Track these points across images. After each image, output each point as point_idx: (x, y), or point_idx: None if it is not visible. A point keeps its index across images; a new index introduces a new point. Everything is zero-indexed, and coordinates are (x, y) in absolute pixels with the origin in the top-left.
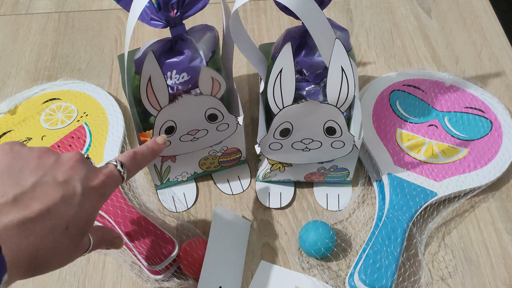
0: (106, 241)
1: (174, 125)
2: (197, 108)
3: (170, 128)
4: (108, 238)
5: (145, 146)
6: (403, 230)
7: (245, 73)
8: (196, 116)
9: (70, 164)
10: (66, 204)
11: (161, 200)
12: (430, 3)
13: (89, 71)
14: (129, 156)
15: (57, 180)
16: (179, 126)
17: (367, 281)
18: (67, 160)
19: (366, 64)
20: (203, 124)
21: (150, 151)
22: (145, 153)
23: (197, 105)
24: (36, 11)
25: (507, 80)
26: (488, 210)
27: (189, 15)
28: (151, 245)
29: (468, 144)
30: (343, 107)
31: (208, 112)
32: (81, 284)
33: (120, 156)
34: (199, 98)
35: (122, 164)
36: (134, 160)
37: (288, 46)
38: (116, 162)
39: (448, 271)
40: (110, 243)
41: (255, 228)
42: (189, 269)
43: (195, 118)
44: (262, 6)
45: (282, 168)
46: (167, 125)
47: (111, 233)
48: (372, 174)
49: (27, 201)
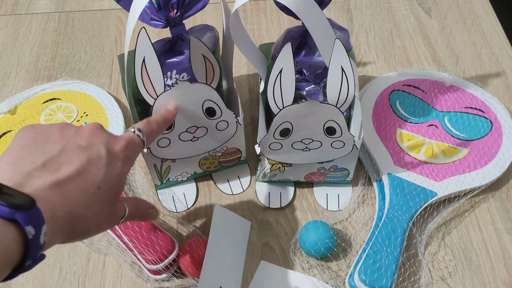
0: (141, 211)
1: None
2: (193, 98)
3: None
4: (143, 208)
5: (157, 115)
6: (403, 230)
7: (245, 73)
8: (194, 109)
9: (90, 132)
10: (94, 166)
11: (161, 200)
12: (430, 3)
13: (89, 71)
14: (144, 123)
15: (81, 146)
16: (177, 120)
17: (367, 281)
18: (87, 129)
19: (366, 64)
20: (202, 120)
21: (163, 118)
22: (158, 120)
23: (193, 95)
24: (36, 11)
25: (507, 80)
26: (488, 210)
27: (189, 15)
28: (151, 245)
29: (468, 144)
30: (343, 107)
31: (206, 105)
32: (81, 283)
33: (136, 124)
34: (195, 86)
35: (139, 129)
36: (149, 126)
37: (288, 46)
38: (133, 128)
39: (448, 271)
40: (145, 214)
41: (255, 228)
42: (189, 269)
43: (193, 112)
44: (262, 6)
45: (282, 168)
46: None
47: (145, 203)
48: (372, 174)
49: (56, 166)
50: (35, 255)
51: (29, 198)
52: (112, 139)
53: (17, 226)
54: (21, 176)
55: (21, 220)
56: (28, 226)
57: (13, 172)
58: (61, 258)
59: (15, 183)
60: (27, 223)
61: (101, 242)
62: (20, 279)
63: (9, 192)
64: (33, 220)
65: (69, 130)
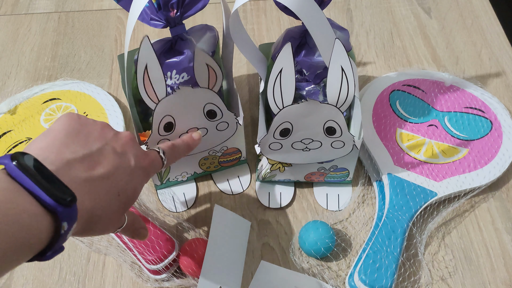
0: (134, 227)
1: (172, 121)
2: (195, 102)
3: (169, 124)
4: (137, 225)
5: (181, 140)
6: (403, 230)
7: (245, 73)
8: (195, 112)
9: (126, 140)
10: (121, 172)
11: (161, 200)
12: (430, 3)
13: (89, 71)
14: (168, 147)
15: (116, 151)
16: (178, 123)
17: (367, 281)
18: (123, 136)
19: (366, 64)
20: (203, 121)
21: (185, 145)
22: (181, 147)
23: (195, 99)
24: (36, 11)
25: (507, 80)
26: (488, 210)
27: (189, 15)
28: (151, 245)
29: (468, 144)
30: (343, 107)
31: (207, 108)
32: (81, 283)
33: (162, 145)
34: (197, 90)
35: (164, 152)
36: (172, 150)
37: (288, 46)
38: (159, 149)
39: (448, 271)
40: (136, 232)
41: (255, 228)
42: (189, 269)
43: (194, 114)
44: (262, 6)
45: (282, 168)
46: (165, 121)
47: (140, 222)
48: (372, 174)
49: (93, 163)
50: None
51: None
52: (142, 154)
53: (54, 218)
54: (62, 163)
55: (60, 215)
56: (64, 222)
57: (55, 157)
58: (61, 258)
59: (56, 168)
60: (64, 219)
61: (101, 242)
62: (20, 280)
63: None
64: (69, 217)
65: (109, 132)
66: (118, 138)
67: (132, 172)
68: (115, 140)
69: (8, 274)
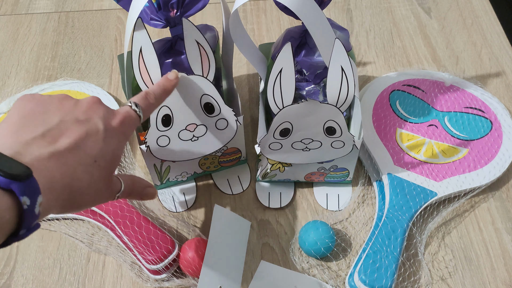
0: (138, 189)
1: (170, 113)
2: (191, 92)
3: (166, 117)
4: (140, 186)
5: (156, 85)
6: (403, 230)
7: (245, 73)
8: (192, 103)
9: (88, 105)
10: (91, 139)
11: (161, 200)
12: (430, 3)
13: (89, 71)
14: (141, 97)
15: (79, 119)
16: (176, 116)
17: (367, 281)
18: (86, 103)
19: (366, 64)
20: (201, 116)
21: (161, 88)
22: (157, 92)
23: (191, 88)
24: (36, 11)
25: (507, 80)
26: (488, 210)
27: (189, 15)
28: (151, 245)
29: (468, 144)
30: (343, 107)
31: (204, 100)
32: (81, 283)
33: (133, 98)
34: (192, 77)
35: (136, 104)
36: (146, 99)
37: (288, 46)
38: (130, 103)
39: (448, 271)
40: (143, 193)
41: (255, 228)
42: (189, 269)
43: (191, 106)
44: (262, 6)
45: (282, 168)
46: (163, 113)
47: (142, 181)
48: (372, 174)
49: (55, 137)
50: (30, 225)
51: (26, 168)
52: (110, 114)
53: (13, 196)
54: (20, 145)
55: (17, 190)
56: (24, 197)
57: (12, 141)
58: (61, 258)
59: (14, 152)
60: (22, 194)
61: (101, 242)
62: (20, 280)
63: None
64: (29, 191)
65: (68, 102)
66: (79, 106)
67: (104, 135)
68: (77, 108)
69: (8, 274)
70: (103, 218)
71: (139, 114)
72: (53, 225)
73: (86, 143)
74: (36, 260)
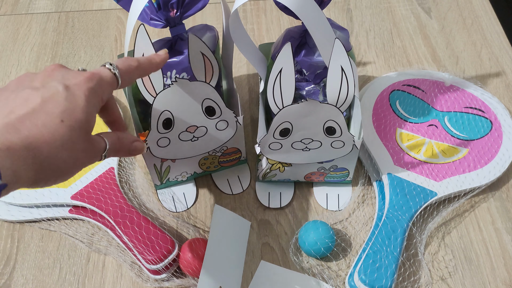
0: (125, 145)
1: (171, 117)
2: (193, 97)
3: (167, 120)
4: (126, 142)
5: (143, 57)
6: (403, 230)
7: (245, 73)
8: (193, 108)
9: (46, 74)
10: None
11: (161, 200)
12: (430, 3)
13: None
14: (121, 59)
15: (34, 87)
16: (177, 120)
17: (367, 281)
18: (43, 71)
19: (366, 64)
20: (201, 119)
21: (147, 60)
22: (141, 59)
23: (192, 93)
24: (36, 11)
25: (507, 80)
26: (488, 210)
27: (189, 15)
28: (151, 245)
29: (468, 144)
30: (343, 107)
31: (205, 104)
32: (81, 283)
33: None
34: (194, 84)
35: (111, 63)
36: (126, 61)
37: (288, 46)
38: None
39: (448, 271)
40: (131, 148)
41: (255, 228)
42: (189, 269)
43: (192, 111)
44: (262, 6)
45: (282, 168)
46: (164, 117)
47: (128, 137)
48: (372, 174)
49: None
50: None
51: None
52: (70, 75)
53: None
54: None
55: None
56: None
57: None
58: (61, 258)
59: None
60: None
61: (101, 242)
62: (20, 279)
63: None
64: None
65: (26, 77)
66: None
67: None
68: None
69: (8, 274)
70: (103, 218)
71: (114, 71)
72: (53, 225)
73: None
74: (36, 260)
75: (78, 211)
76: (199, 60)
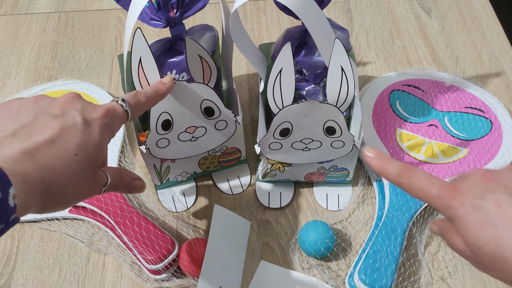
0: (125, 182)
1: (170, 118)
2: (191, 98)
3: (166, 122)
4: (127, 179)
5: (149, 87)
6: (403, 230)
7: (245, 73)
8: (192, 108)
9: (65, 101)
10: (68, 132)
11: (161, 200)
12: (430, 3)
13: (89, 71)
14: (131, 94)
15: (55, 114)
16: (176, 121)
17: (367, 280)
18: (62, 98)
19: (366, 64)
20: (200, 120)
21: (154, 90)
22: (148, 93)
23: (191, 95)
24: (36, 11)
25: (507, 80)
26: None
27: (189, 15)
28: (151, 245)
29: (468, 144)
30: (343, 107)
31: (204, 104)
32: (81, 283)
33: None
34: (192, 85)
35: (123, 99)
36: (136, 97)
37: (288, 46)
38: (117, 98)
39: (448, 271)
40: (131, 186)
41: (255, 228)
42: (189, 269)
43: (191, 111)
44: (262, 6)
45: (282, 168)
46: (163, 118)
47: (130, 174)
48: (372, 174)
49: (28, 134)
50: (7, 219)
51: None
52: (89, 107)
53: None
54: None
55: None
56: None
57: None
58: (61, 258)
59: None
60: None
61: (101, 242)
62: (20, 280)
63: None
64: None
65: (44, 100)
66: (55, 102)
67: (83, 128)
68: (52, 105)
69: (8, 274)
70: (103, 218)
71: (126, 109)
72: (53, 225)
73: (63, 137)
74: (36, 260)
75: (78, 211)
76: (197, 62)
